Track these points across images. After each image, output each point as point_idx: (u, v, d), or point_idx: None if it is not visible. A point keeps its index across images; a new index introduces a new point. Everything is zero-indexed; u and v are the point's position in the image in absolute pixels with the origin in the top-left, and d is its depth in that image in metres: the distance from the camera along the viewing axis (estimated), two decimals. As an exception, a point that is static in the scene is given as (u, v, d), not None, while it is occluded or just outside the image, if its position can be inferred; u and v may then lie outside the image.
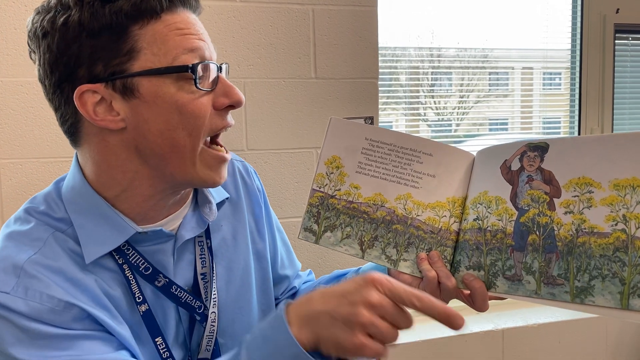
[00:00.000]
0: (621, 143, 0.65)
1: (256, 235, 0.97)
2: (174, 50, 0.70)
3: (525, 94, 2.42)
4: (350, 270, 1.00)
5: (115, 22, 0.67)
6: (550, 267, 0.69)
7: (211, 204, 0.85)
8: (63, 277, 0.72)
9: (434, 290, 0.79)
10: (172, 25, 0.70)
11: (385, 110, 2.24)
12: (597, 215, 0.66)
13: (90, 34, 0.67)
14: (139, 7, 0.68)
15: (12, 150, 1.56)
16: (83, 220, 0.76)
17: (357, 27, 1.81)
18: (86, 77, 0.69)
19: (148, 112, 0.70)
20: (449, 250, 0.81)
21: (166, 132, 0.71)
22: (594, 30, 2.29)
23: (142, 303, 0.77)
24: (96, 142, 0.73)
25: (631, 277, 0.62)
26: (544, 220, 0.70)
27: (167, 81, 0.70)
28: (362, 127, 0.87)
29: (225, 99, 0.75)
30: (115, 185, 0.75)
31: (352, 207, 0.86)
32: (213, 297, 0.84)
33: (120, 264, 0.77)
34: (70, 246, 0.75)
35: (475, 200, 0.79)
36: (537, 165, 0.72)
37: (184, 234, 0.82)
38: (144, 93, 0.69)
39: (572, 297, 0.66)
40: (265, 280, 0.97)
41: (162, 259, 0.80)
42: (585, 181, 0.67)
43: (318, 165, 0.88)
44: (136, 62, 0.69)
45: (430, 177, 0.83)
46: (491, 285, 0.75)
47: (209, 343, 0.84)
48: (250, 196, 0.97)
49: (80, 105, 0.69)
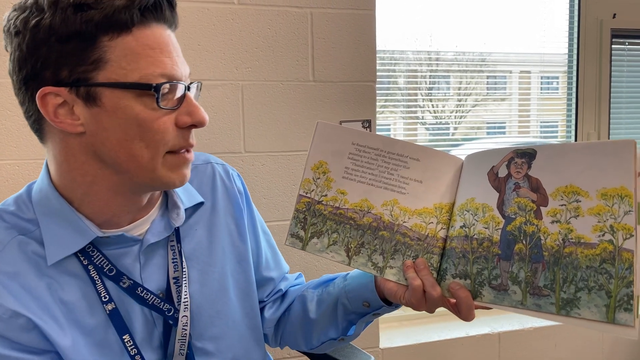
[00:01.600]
0: (609, 151, 0.63)
1: (237, 237, 0.96)
2: (142, 69, 0.70)
3: (522, 97, 2.41)
4: (339, 275, 0.99)
5: (85, 30, 0.67)
6: (536, 277, 0.67)
7: (179, 209, 0.86)
8: (17, 283, 0.74)
9: (420, 299, 0.78)
10: (143, 42, 0.70)
11: (383, 113, 2.23)
12: (584, 225, 0.64)
13: (59, 39, 0.68)
14: (110, 19, 0.68)
15: (9, 151, 1.55)
16: (49, 222, 0.78)
17: (356, 30, 1.80)
18: (51, 80, 0.69)
19: (108, 122, 0.71)
20: (436, 257, 0.80)
21: (124, 142, 0.72)
22: (591, 35, 2.28)
23: (108, 302, 0.79)
24: (57, 142, 0.75)
25: (617, 290, 0.61)
26: (530, 229, 0.69)
27: (130, 95, 0.70)
28: (349, 132, 0.86)
29: (187, 118, 0.75)
30: (76, 187, 0.77)
31: (338, 213, 0.84)
32: (184, 300, 0.85)
33: (85, 265, 0.78)
34: (33, 249, 0.77)
35: (462, 207, 0.78)
36: (525, 173, 0.71)
37: (149, 238, 0.83)
38: (105, 103, 0.70)
39: (558, 308, 0.65)
40: (247, 282, 0.97)
41: (127, 262, 0.82)
42: (573, 190, 0.66)
43: (305, 170, 0.87)
44: (102, 72, 0.69)
45: (417, 183, 0.81)
46: (477, 295, 0.74)
47: (182, 347, 0.84)
48: (230, 199, 0.97)
49: (41, 106, 0.70)
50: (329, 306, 0.96)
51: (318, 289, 1.00)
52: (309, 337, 1.00)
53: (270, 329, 1.05)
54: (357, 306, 0.91)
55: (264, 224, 1.07)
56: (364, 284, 0.89)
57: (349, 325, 0.96)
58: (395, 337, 2.08)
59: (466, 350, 2.11)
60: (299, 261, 1.81)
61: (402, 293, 0.81)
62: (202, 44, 1.64)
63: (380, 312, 0.90)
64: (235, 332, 0.93)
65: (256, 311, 0.98)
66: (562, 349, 2.24)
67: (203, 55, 1.64)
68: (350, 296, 0.91)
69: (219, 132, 1.68)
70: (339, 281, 0.96)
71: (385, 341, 2.03)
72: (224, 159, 1.69)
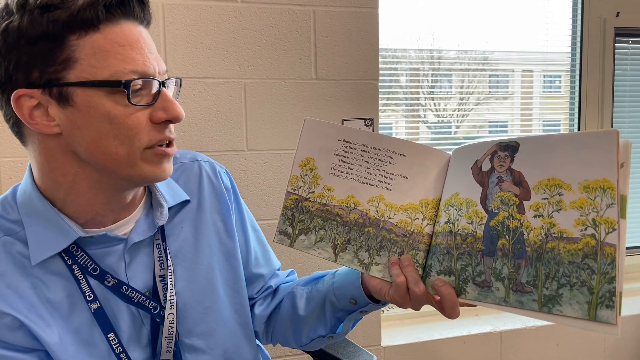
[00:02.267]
0: (592, 142, 0.61)
1: (224, 235, 0.96)
2: (112, 67, 0.70)
3: (525, 96, 2.39)
4: (328, 272, 0.99)
5: (52, 30, 0.68)
6: (519, 273, 0.66)
7: (163, 207, 0.86)
8: (3, 283, 0.76)
9: (404, 296, 0.77)
10: (111, 39, 0.70)
11: (385, 111, 2.23)
12: (567, 219, 0.63)
13: (28, 41, 0.68)
14: (75, 17, 0.68)
15: (12, 148, 1.56)
16: (33, 222, 0.78)
17: (358, 28, 1.80)
18: (24, 82, 0.70)
19: (81, 121, 0.71)
20: (422, 254, 0.79)
21: (98, 141, 0.72)
22: (594, 34, 2.26)
23: (93, 301, 0.80)
24: (37, 144, 0.75)
25: (599, 286, 0.59)
26: (513, 224, 0.67)
27: (101, 93, 0.70)
28: (335, 128, 0.85)
29: (162, 114, 0.75)
30: (58, 187, 0.77)
31: (325, 210, 0.84)
32: (170, 298, 0.85)
33: (70, 265, 0.79)
34: (18, 249, 0.78)
35: (447, 203, 0.76)
36: (508, 166, 0.69)
37: (133, 237, 0.83)
38: (78, 102, 0.70)
39: (540, 305, 0.63)
40: (236, 279, 0.96)
41: (112, 261, 0.82)
42: (555, 183, 0.64)
43: (293, 167, 0.87)
44: (72, 71, 0.69)
45: (403, 179, 0.81)
46: (461, 292, 0.73)
47: (169, 345, 0.84)
48: (217, 196, 0.97)
49: (16, 108, 0.71)
50: (318, 303, 0.95)
51: (307, 286, 1.00)
52: (299, 334, 1.00)
53: (261, 325, 1.05)
54: (344, 303, 0.91)
55: (253, 220, 1.07)
56: (351, 281, 0.89)
57: (338, 323, 0.96)
58: (397, 335, 2.08)
59: (468, 348, 2.10)
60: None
61: (387, 290, 0.80)
62: (205, 42, 1.64)
63: (367, 309, 0.90)
64: (225, 328, 0.93)
65: (246, 307, 0.98)
66: (564, 347, 2.22)
67: (205, 53, 1.64)
68: (337, 293, 0.91)
69: (221, 130, 1.68)
70: (327, 278, 0.96)
71: (387, 339, 2.03)
72: (226, 157, 1.71)
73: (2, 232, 0.78)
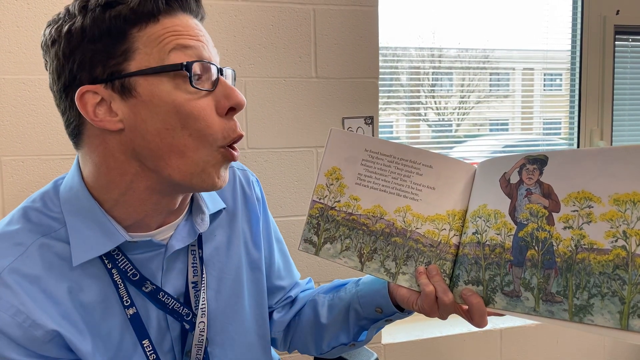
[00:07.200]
0: (621, 156, 0.63)
1: (251, 245, 0.96)
2: (166, 47, 0.70)
3: (525, 94, 2.41)
4: (350, 281, 0.99)
5: (115, 26, 0.68)
6: (549, 283, 0.68)
7: (204, 214, 0.85)
8: (38, 288, 0.73)
9: (432, 305, 0.78)
10: (169, 28, 0.71)
11: (386, 110, 2.24)
12: (597, 231, 0.64)
13: (91, 40, 0.68)
14: (136, 11, 0.69)
15: (13, 147, 1.56)
16: (76, 221, 0.76)
17: (358, 26, 1.81)
18: (87, 80, 0.70)
19: (146, 112, 0.70)
20: (449, 264, 0.80)
21: (164, 132, 0.71)
22: (594, 32, 2.28)
23: (130, 306, 0.79)
24: (97, 144, 0.74)
25: (631, 297, 0.61)
26: (542, 235, 0.69)
27: (164, 79, 0.70)
28: (362, 139, 0.86)
29: (225, 101, 0.74)
30: (113, 188, 0.75)
31: (351, 219, 0.85)
32: (202, 306, 0.85)
33: (109, 269, 0.77)
34: (57, 250, 0.76)
35: (474, 214, 0.78)
36: (536, 179, 0.71)
37: (174, 244, 0.82)
38: (141, 92, 0.70)
39: (571, 315, 0.65)
40: (259, 291, 0.97)
41: (151, 267, 0.81)
42: (585, 195, 0.66)
43: (318, 177, 0.87)
44: (132, 62, 0.69)
45: (430, 190, 0.82)
46: (490, 301, 0.74)
47: (198, 352, 0.84)
48: (248, 206, 0.97)
49: (81, 106, 0.70)
50: (341, 311, 0.96)
51: (329, 294, 1.01)
52: (320, 341, 1.01)
53: (280, 332, 1.05)
54: (369, 312, 0.92)
55: (278, 232, 1.06)
56: (377, 289, 0.90)
57: (360, 331, 0.96)
58: (397, 333, 2.09)
59: (468, 346, 2.12)
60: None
61: (414, 299, 0.81)
62: (205, 41, 1.64)
63: (392, 318, 0.91)
64: (244, 339, 0.93)
65: (266, 319, 0.98)
66: (563, 345, 2.24)
67: (206, 52, 1.65)
68: (362, 302, 0.92)
69: (223, 130, 1.68)
70: (350, 286, 0.97)
71: (388, 337, 2.04)
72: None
73: (40, 233, 0.76)
